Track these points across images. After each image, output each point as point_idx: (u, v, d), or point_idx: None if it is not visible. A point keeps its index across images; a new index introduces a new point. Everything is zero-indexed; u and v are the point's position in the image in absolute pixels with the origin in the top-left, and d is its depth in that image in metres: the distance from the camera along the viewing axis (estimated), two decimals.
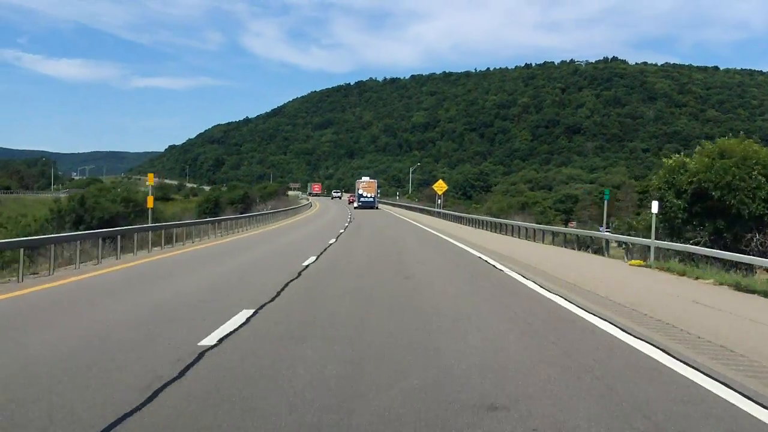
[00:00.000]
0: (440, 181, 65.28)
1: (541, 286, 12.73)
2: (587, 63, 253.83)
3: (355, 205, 79.71)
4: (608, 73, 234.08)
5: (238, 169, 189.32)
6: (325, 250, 21.25)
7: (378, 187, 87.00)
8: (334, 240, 26.52)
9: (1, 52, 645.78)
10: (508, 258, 19.61)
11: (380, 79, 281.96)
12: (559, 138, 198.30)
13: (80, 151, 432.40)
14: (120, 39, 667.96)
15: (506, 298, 11.23)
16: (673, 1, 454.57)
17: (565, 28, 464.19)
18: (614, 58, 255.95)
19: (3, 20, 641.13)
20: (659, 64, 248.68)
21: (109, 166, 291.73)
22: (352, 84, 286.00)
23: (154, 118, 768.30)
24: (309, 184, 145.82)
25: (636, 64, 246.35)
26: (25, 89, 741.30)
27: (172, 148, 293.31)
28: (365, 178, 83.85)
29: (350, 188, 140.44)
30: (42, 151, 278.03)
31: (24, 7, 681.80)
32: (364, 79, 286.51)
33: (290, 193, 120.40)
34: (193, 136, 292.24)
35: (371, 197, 78.79)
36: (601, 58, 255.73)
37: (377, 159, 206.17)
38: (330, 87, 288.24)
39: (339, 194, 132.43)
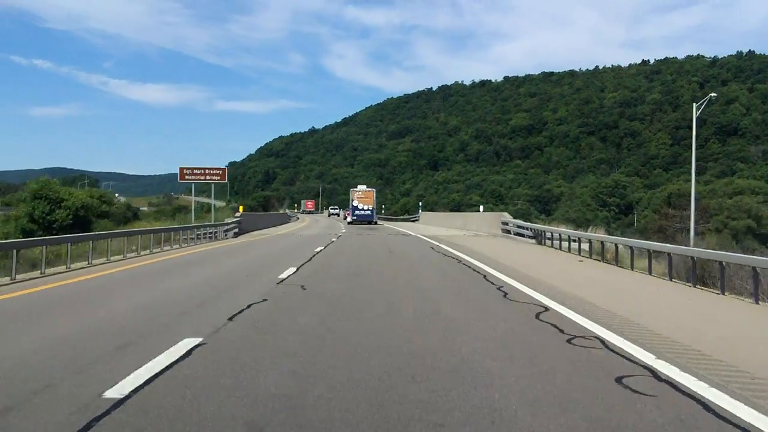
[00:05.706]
0: None
1: None
2: (714, 58, 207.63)
3: (349, 219, 69.99)
4: (758, 63, 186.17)
5: (293, 184, 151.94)
6: None
7: (376, 196, 77.62)
8: None
9: (88, 77, 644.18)
10: None
11: (467, 83, 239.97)
12: (710, 141, 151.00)
13: (155, 173, 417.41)
14: (204, 63, 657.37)
15: None
16: (763, 16, 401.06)
17: (651, 45, 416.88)
18: (750, 52, 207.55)
19: (90, 46, 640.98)
20: None
21: (176, 187, 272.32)
22: (434, 89, 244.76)
23: (232, 140, 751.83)
24: (302, 201, 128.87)
25: None
26: (109, 114, 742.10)
27: (231, 164, 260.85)
28: (361, 187, 74.71)
29: (431, 207, 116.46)
30: (119, 173, 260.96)
31: (109, 33, 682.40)
32: (449, 83, 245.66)
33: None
34: (253, 151, 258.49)
35: (369, 209, 70.01)
36: (734, 53, 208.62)
37: (468, 170, 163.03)
38: (409, 93, 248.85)
39: (337, 211, 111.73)
